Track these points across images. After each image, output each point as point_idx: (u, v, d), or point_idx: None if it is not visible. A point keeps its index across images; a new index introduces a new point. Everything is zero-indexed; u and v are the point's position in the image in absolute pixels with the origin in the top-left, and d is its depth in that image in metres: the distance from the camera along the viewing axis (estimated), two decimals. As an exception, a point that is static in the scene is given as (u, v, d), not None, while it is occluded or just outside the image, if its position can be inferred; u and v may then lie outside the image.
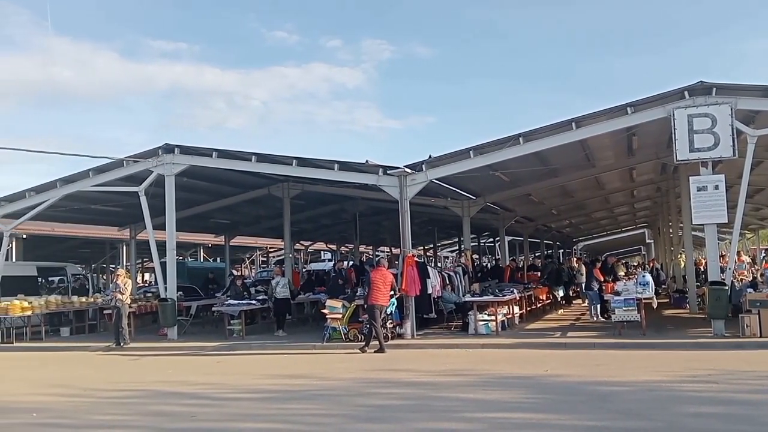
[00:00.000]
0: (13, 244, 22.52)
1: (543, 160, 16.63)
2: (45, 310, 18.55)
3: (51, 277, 25.92)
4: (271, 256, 46.85)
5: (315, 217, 26.66)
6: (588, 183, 21.69)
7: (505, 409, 7.97)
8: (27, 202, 18.72)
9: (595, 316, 17.65)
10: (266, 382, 10.70)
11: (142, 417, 8.33)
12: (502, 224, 24.36)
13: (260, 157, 16.43)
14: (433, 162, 15.30)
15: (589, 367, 10.81)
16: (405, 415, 7.83)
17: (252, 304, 17.57)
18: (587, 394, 8.66)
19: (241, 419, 7.96)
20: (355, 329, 14.84)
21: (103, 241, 32.28)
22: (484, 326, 15.21)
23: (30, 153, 67.38)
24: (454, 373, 10.74)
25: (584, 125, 14.12)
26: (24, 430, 7.73)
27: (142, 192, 17.20)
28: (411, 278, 14.94)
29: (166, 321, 17.12)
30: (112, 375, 12.27)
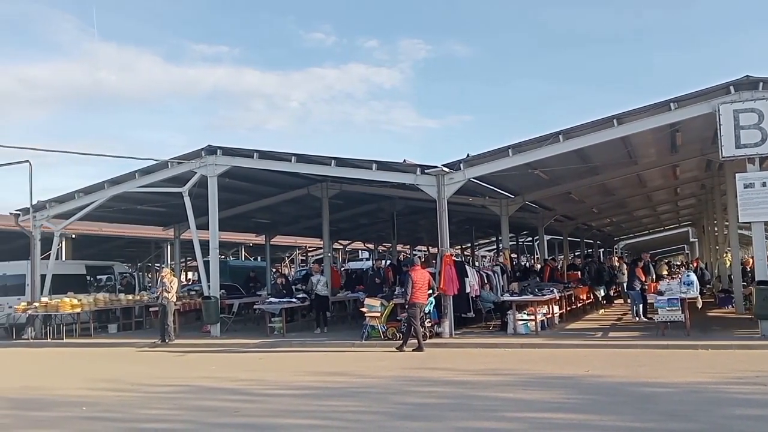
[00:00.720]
0: (63, 243, 23.26)
1: (584, 158, 16.40)
2: (93, 307, 19.13)
3: (99, 276, 26.62)
4: (310, 255, 47.31)
5: (353, 216, 26.82)
6: (630, 180, 21.31)
7: (545, 409, 7.90)
8: (76, 203, 19.37)
9: (638, 316, 17.34)
10: (307, 378, 10.83)
11: (187, 412, 8.54)
12: (541, 223, 24.11)
13: (300, 158, 16.63)
14: (471, 161, 15.25)
15: (632, 368, 10.64)
16: (444, 414, 7.85)
17: (292, 302, 17.80)
18: (630, 395, 8.53)
19: (283, 415, 8.09)
20: (393, 328, 14.92)
21: (149, 240, 33.08)
22: (524, 326, 15.11)
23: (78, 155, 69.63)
24: (493, 373, 10.70)
25: (626, 122, 13.88)
26: (74, 423, 7.96)
27: (185, 192, 17.58)
28: (449, 277, 14.92)
29: (209, 318, 17.46)
30: (158, 371, 12.56)
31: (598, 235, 37.79)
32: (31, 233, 19.54)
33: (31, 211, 19.48)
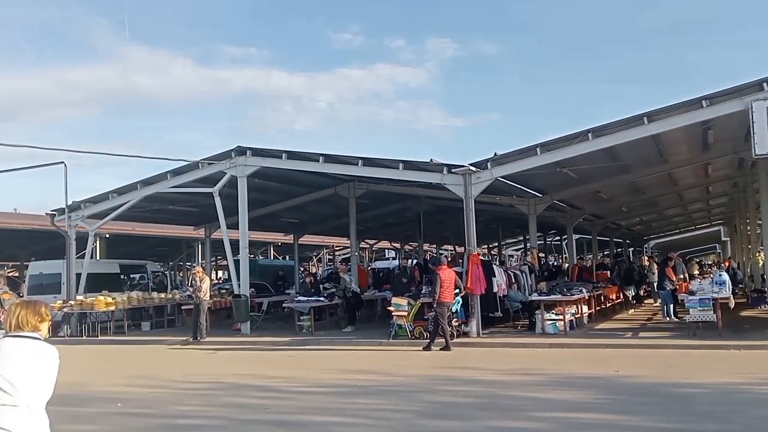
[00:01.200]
0: (97, 243, 23.77)
1: (613, 156, 16.22)
2: (127, 305, 19.51)
3: (132, 275, 27.14)
4: (338, 254, 47.56)
5: (380, 215, 26.92)
6: (660, 179, 21.00)
7: (575, 409, 7.87)
8: (110, 203, 19.78)
9: (668, 317, 17.11)
10: (335, 376, 10.94)
11: (218, 408, 8.69)
12: (569, 222, 23.90)
13: (327, 158, 16.76)
14: (498, 159, 15.20)
15: (663, 368, 10.53)
16: (473, 413, 7.88)
17: (320, 301, 17.95)
18: (661, 396, 8.46)
19: (312, 412, 8.18)
20: (420, 327, 14.93)
21: (180, 239, 33.62)
22: (552, 325, 15.01)
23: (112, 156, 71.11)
24: (522, 372, 10.67)
25: (657, 119, 13.69)
26: (110, 419, 8.14)
27: (216, 193, 17.83)
28: (476, 277, 14.90)
29: (239, 316, 17.68)
30: (190, 368, 12.80)
31: (627, 234, 37.28)
32: (67, 233, 19.97)
33: (66, 212, 19.88)
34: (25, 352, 3.61)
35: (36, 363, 3.60)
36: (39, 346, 3.69)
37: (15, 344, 3.64)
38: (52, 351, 3.72)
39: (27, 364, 3.56)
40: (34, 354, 3.63)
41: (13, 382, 3.50)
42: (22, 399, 3.51)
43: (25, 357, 3.59)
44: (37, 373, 3.59)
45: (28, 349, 3.63)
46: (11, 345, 3.63)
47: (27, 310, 3.76)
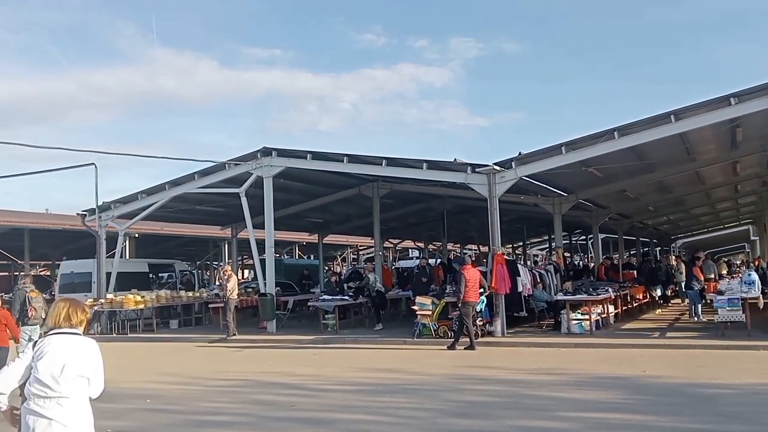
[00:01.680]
0: (127, 242, 24.21)
1: (639, 155, 16.04)
2: (156, 303, 19.88)
3: (161, 274, 27.59)
4: (361, 253, 47.73)
5: (403, 215, 26.96)
6: (687, 178, 20.70)
7: (601, 409, 7.84)
8: (139, 203, 20.16)
9: (696, 316, 16.89)
10: (360, 375, 11.02)
11: (246, 405, 8.83)
12: (595, 221, 23.67)
13: (351, 158, 16.86)
14: (523, 159, 15.14)
15: (691, 369, 10.42)
16: (497, 412, 7.88)
17: (345, 300, 18.07)
18: (689, 396, 8.38)
19: (338, 410, 8.27)
20: (444, 326, 14.96)
21: (207, 239, 34.08)
22: (578, 325, 14.91)
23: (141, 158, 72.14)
24: (547, 372, 10.63)
25: (684, 117, 13.51)
26: (139, 415, 8.32)
27: (242, 193, 18.04)
28: (501, 276, 14.87)
29: (265, 315, 17.88)
30: (218, 365, 12.98)
31: (654, 234, 36.77)
32: (97, 233, 20.37)
33: (96, 212, 20.29)
34: (67, 348, 3.85)
35: (77, 358, 3.84)
36: (79, 341, 3.93)
37: (58, 341, 3.87)
38: (92, 344, 3.96)
39: (70, 360, 3.80)
40: (75, 349, 3.87)
41: (58, 377, 3.74)
42: (66, 392, 3.75)
43: (68, 353, 3.83)
44: (78, 367, 3.82)
45: (70, 345, 3.87)
46: (55, 342, 3.86)
47: (74, 307, 4.02)
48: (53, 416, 3.71)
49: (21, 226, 25.74)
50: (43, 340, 3.94)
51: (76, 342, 3.91)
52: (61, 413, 3.72)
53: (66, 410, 3.74)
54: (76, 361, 3.82)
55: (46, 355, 3.78)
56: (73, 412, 3.77)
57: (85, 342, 3.95)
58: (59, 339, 3.89)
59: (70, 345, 3.87)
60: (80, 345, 3.91)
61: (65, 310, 3.99)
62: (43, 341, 3.91)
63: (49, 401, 3.73)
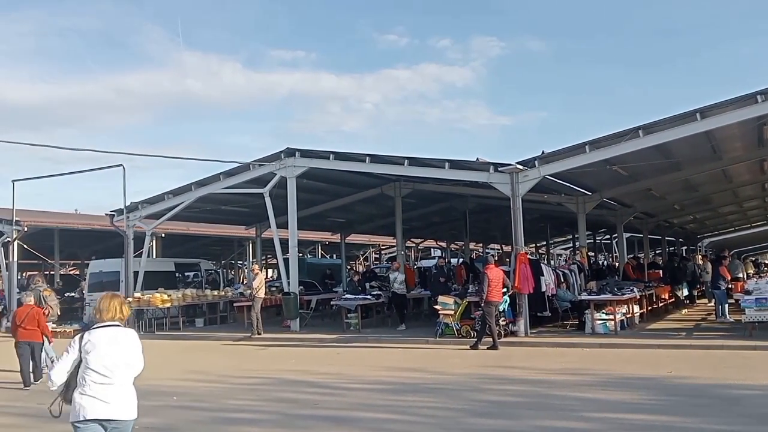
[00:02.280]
0: (154, 242, 24.52)
1: (665, 153, 15.86)
2: (182, 302, 20.18)
3: (187, 273, 27.93)
4: (384, 253, 47.78)
5: (425, 215, 26.95)
6: (714, 176, 20.38)
7: (626, 409, 7.79)
8: (166, 204, 20.45)
9: (723, 317, 16.64)
10: (383, 374, 11.08)
11: (270, 403, 8.95)
12: (619, 220, 23.40)
13: (374, 158, 16.92)
14: (546, 158, 15.06)
15: (718, 369, 10.30)
16: (521, 412, 7.88)
17: (367, 299, 18.15)
18: (715, 397, 8.30)
19: (361, 409, 8.34)
20: (467, 325, 14.94)
21: (232, 239, 34.36)
22: (602, 325, 14.80)
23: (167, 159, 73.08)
24: (571, 372, 10.59)
25: (710, 115, 13.33)
26: (166, 411, 8.45)
27: (266, 193, 18.23)
28: (524, 276, 14.81)
29: (289, 313, 18.03)
30: (242, 363, 13.16)
31: (680, 233, 36.23)
32: (125, 233, 20.72)
33: (124, 212, 20.62)
34: (114, 339, 4.44)
35: (122, 347, 4.44)
36: (122, 332, 4.52)
37: (105, 334, 4.45)
38: (133, 334, 4.57)
39: (116, 350, 4.41)
40: (121, 340, 4.46)
41: (108, 366, 4.35)
42: (116, 378, 4.37)
43: (115, 344, 4.42)
44: (124, 355, 4.43)
45: (116, 336, 4.46)
46: (103, 335, 4.44)
47: (117, 302, 4.59)
48: (106, 399, 4.31)
49: (51, 226, 26.20)
50: (91, 332, 4.45)
51: (121, 333, 4.48)
52: (113, 396, 4.33)
53: (116, 393, 4.35)
54: (122, 351, 4.42)
55: (97, 347, 4.36)
56: (122, 394, 4.39)
57: (127, 333, 4.53)
58: (106, 331, 4.45)
59: (116, 336, 4.45)
60: (124, 336, 4.49)
61: (110, 305, 4.53)
62: (91, 334, 4.43)
63: (103, 386, 4.32)
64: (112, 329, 4.48)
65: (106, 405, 4.31)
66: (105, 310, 4.52)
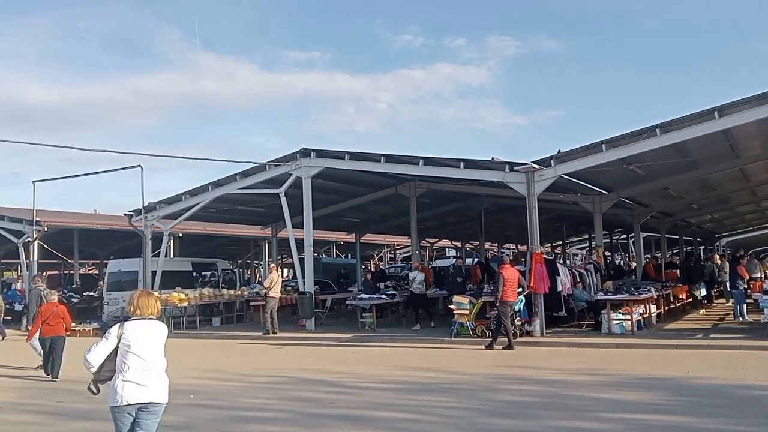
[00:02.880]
0: (171, 242, 24.72)
1: (682, 152, 15.73)
2: (199, 301, 20.36)
3: (204, 272, 28.11)
4: (398, 252, 47.81)
5: (440, 214, 26.93)
6: (732, 175, 20.16)
7: (643, 410, 7.73)
8: (183, 204, 20.62)
9: (741, 317, 16.47)
10: (398, 373, 11.09)
11: (286, 402, 9.00)
12: (636, 220, 23.25)
13: (388, 158, 16.95)
14: (562, 157, 14.99)
15: (736, 370, 10.20)
16: (537, 412, 7.86)
17: (382, 299, 18.18)
18: (734, 398, 8.23)
19: (376, 408, 8.36)
20: (482, 325, 14.92)
21: (248, 238, 34.54)
22: (619, 325, 14.69)
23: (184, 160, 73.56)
24: (587, 372, 10.54)
25: (728, 114, 13.20)
26: (183, 410, 8.45)
27: (282, 193, 18.30)
28: (540, 275, 14.76)
29: (304, 313, 18.14)
30: (259, 362, 13.23)
31: (698, 232, 35.88)
32: (143, 232, 20.93)
33: (143, 212, 20.82)
34: (149, 331, 4.96)
35: (157, 338, 4.99)
36: (156, 325, 5.04)
37: (142, 326, 4.95)
38: (165, 327, 5.11)
39: (152, 340, 4.94)
40: (155, 332, 4.99)
41: (145, 355, 4.87)
42: (152, 365, 4.90)
43: (150, 335, 4.95)
44: (159, 345, 5.00)
45: (151, 329, 4.98)
46: (140, 327, 4.94)
47: (151, 298, 5.10)
48: (145, 384, 4.83)
49: (71, 226, 26.54)
50: (128, 324, 4.92)
51: (154, 326, 5.01)
52: (150, 381, 4.86)
53: (153, 379, 4.89)
54: (157, 341, 4.97)
55: (134, 337, 4.85)
56: (157, 380, 4.93)
57: (159, 325, 5.06)
58: (142, 323, 4.96)
59: (151, 328, 4.98)
60: (157, 328, 5.03)
61: (145, 301, 5.03)
62: (129, 326, 4.91)
63: (141, 372, 4.83)
64: (146, 321, 4.98)
65: (145, 389, 4.81)
66: (142, 306, 5.01)
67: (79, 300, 25.82)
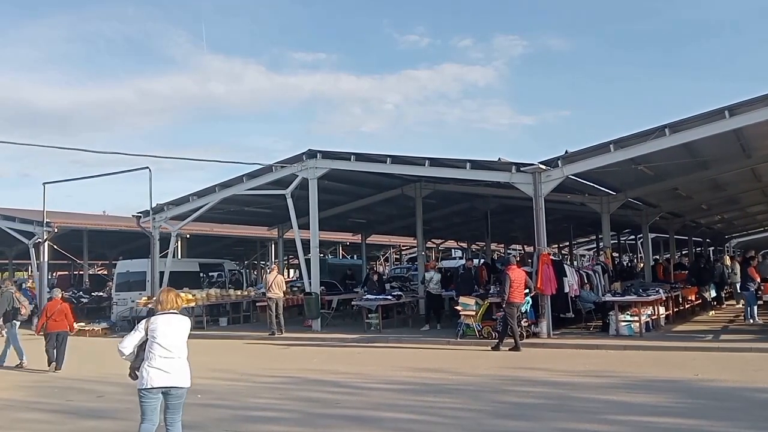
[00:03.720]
0: (179, 242, 24.79)
1: (692, 152, 15.60)
2: (206, 302, 20.41)
3: (211, 273, 28.24)
4: (404, 253, 47.77)
5: (446, 215, 26.88)
6: (743, 175, 19.98)
7: (651, 412, 7.67)
8: (190, 205, 20.70)
9: (751, 319, 16.33)
10: (404, 374, 11.06)
11: (292, 402, 9.00)
12: (645, 221, 23.11)
13: (394, 159, 16.93)
14: (569, 157, 14.91)
15: (746, 372, 10.09)
16: (544, 414, 7.81)
17: (388, 299, 18.15)
18: (744, 401, 8.16)
19: (382, 408, 8.35)
20: (488, 326, 14.86)
21: (255, 239, 34.70)
22: (627, 327, 14.59)
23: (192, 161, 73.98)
24: (594, 374, 10.48)
25: (738, 113, 13.07)
26: (191, 409, 8.39)
27: (288, 194, 18.34)
28: (546, 276, 14.68)
29: (310, 313, 18.15)
30: (265, 362, 13.24)
31: (707, 233, 35.66)
32: (151, 233, 21.01)
33: (151, 213, 20.93)
34: (173, 323, 5.69)
35: (180, 329, 5.71)
36: (179, 318, 5.77)
37: (168, 319, 5.69)
38: (187, 320, 5.83)
39: (176, 331, 5.67)
40: (178, 324, 5.73)
41: (170, 345, 5.58)
42: (176, 353, 5.62)
43: (175, 326, 5.68)
44: (182, 336, 5.70)
45: (175, 321, 5.72)
46: (166, 320, 5.68)
47: (175, 295, 5.88)
48: (168, 370, 5.54)
49: (80, 227, 26.67)
50: (156, 318, 5.65)
51: (178, 319, 5.75)
52: (173, 368, 5.56)
53: (176, 366, 5.59)
54: (181, 332, 5.70)
55: (159, 329, 5.56)
56: (180, 367, 5.63)
57: (183, 318, 5.79)
58: (166, 317, 5.69)
59: (176, 321, 5.71)
60: (181, 321, 5.76)
61: (167, 297, 5.80)
62: (156, 319, 5.63)
63: (167, 360, 5.54)
64: (169, 315, 5.71)
65: (168, 375, 5.52)
66: (163, 301, 5.77)
67: (89, 300, 26.03)
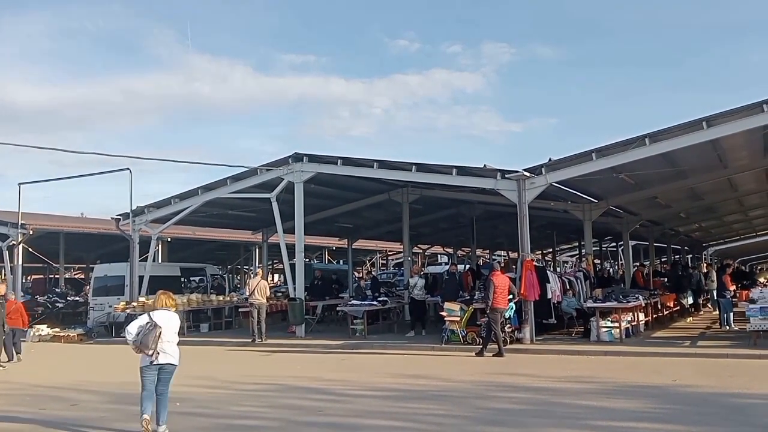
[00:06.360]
0: (159, 246, 24.55)
1: (671, 162, 15.86)
2: (187, 307, 20.11)
3: (192, 277, 27.92)
4: (390, 258, 47.77)
5: (433, 221, 26.95)
6: (720, 185, 20.33)
7: (631, 418, 7.78)
8: (172, 208, 20.48)
9: (728, 325, 16.60)
10: (388, 380, 11.08)
11: (274, 410, 8.95)
12: (625, 228, 23.36)
13: (381, 164, 16.97)
14: (553, 165, 15.07)
15: (722, 378, 10.28)
16: (527, 420, 7.88)
17: (373, 305, 18.14)
18: (720, 406, 8.29)
19: (365, 416, 8.35)
20: (473, 332, 14.94)
21: (238, 243, 34.27)
22: (607, 333, 14.77)
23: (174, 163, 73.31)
24: (576, 380, 10.59)
25: (716, 124, 13.33)
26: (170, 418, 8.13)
27: (273, 198, 18.23)
28: (530, 283, 14.81)
29: (295, 319, 18.04)
30: (247, 369, 13.15)
31: (686, 241, 36.13)
32: (131, 237, 20.77)
33: (131, 216, 20.70)
34: (169, 318, 7.70)
35: (173, 323, 7.74)
36: (172, 314, 7.82)
37: (164, 314, 7.68)
38: (176, 316, 7.85)
39: (171, 324, 7.70)
40: (172, 319, 7.76)
41: (168, 333, 7.56)
42: (172, 340, 7.67)
43: (169, 320, 7.69)
44: (175, 327, 7.73)
45: (169, 316, 7.73)
46: (160, 315, 7.62)
47: (167, 297, 7.88)
48: (168, 352, 7.58)
49: (57, 229, 26.20)
50: (154, 313, 7.58)
51: (171, 315, 7.77)
52: (169, 350, 7.59)
53: (171, 349, 7.62)
54: (173, 325, 7.72)
55: (160, 321, 7.47)
56: (173, 350, 7.67)
57: (174, 314, 7.81)
58: (161, 313, 7.65)
59: (169, 316, 7.71)
60: (173, 316, 7.79)
61: (164, 298, 7.85)
62: (154, 314, 7.55)
63: (166, 344, 7.50)
64: (164, 311, 7.70)
65: (166, 355, 7.52)
66: (158, 301, 7.82)
67: (64, 305, 25.36)
